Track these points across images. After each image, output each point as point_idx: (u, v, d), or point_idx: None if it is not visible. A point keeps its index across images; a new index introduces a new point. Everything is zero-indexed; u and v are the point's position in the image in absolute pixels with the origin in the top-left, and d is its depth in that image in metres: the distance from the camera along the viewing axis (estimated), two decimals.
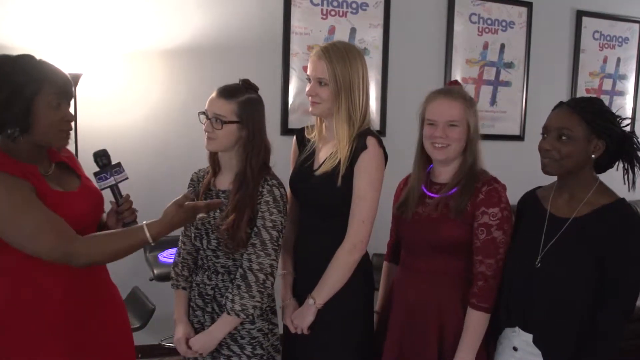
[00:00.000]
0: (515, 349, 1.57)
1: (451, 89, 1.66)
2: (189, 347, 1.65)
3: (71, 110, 1.48)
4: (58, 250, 1.34)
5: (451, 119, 1.60)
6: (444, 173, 1.67)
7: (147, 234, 1.38)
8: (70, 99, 1.45)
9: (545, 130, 1.53)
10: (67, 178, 1.51)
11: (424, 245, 1.64)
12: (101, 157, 1.51)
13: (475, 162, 1.63)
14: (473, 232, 1.57)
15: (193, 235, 1.70)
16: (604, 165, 1.54)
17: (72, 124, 1.46)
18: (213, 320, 1.65)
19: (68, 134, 1.45)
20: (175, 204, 1.45)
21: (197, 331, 1.68)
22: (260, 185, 1.62)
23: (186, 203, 1.45)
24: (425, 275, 1.64)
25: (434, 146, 1.63)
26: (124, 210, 1.52)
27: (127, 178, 1.54)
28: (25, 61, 1.38)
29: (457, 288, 1.61)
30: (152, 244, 1.43)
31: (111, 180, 1.50)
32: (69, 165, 1.53)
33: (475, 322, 1.56)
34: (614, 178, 1.55)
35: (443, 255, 1.62)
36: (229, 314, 1.59)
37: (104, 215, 1.60)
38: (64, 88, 1.41)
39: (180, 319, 1.70)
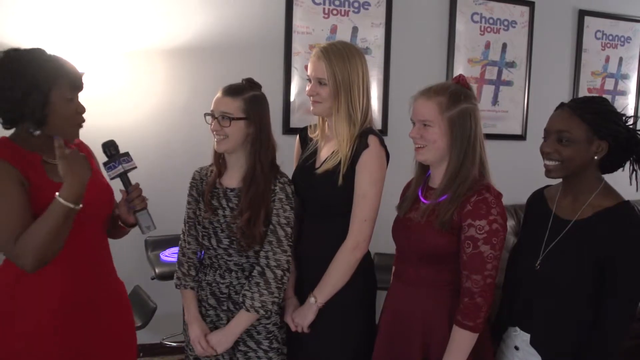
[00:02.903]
0: (516, 348, 1.57)
1: (431, 87, 1.55)
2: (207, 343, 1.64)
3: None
4: (6, 249, 1.34)
5: (423, 118, 1.52)
6: (436, 177, 1.58)
7: (62, 201, 1.31)
8: (80, 91, 1.48)
9: (546, 132, 1.52)
10: None
11: (411, 253, 1.58)
12: (109, 147, 1.54)
13: (469, 168, 1.50)
14: (460, 244, 1.48)
15: (200, 234, 1.70)
16: (611, 166, 1.51)
17: (84, 115, 1.48)
18: (229, 319, 1.65)
19: (80, 126, 1.48)
20: (60, 160, 1.35)
21: (210, 330, 1.68)
22: (272, 183, 1.64)
23: (67, 152, 1.36)
24: (413, 285, 1.58)
25: (414, 147, 1.58)
26: (134, 198, 1.54)
27: (135, 167, 1.56)
28: (39, 55, 1.41)
29: (445, 301, 1.53)
30: (78, 207, 1.35)
31: (120, 169, 1.52)
32: None
33: (460, 340, 1.47)
34: (621, 178, 1.53)
35: (430, 264, 1.54)
36: (248, 311, 1.60)
37: (117, 210, 1.61)
38: (76, 81, 1.44)
39: (195, 318, 1.69)
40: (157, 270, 2.44)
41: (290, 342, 1.78)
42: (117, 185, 1.59)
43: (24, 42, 2.55)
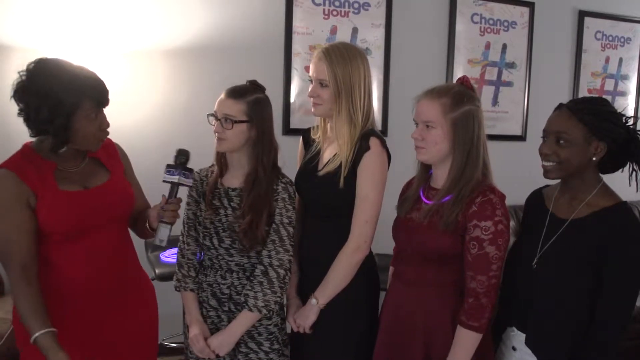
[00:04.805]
0: (514, 348, 1.57)
1: (434, 88, 1.54)
2: (207, 346, 1.64)
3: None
4: (7, 273, 1.39)
5: (426, 119, 1.50)
6: (439, 178, 1.56)
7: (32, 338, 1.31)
8: (107, 104, 1.49)
9: (545, 133, 1.52)
10: (97, 173, 1.56)
11: (413, 254, 1.57)
12: (180, 155, 1.57)
13: (472, 170, 1.49)
14: (464, 245, 1.47)
15: (202, 235, 1.70)
16: (610, 166, 1.51)
17: (108, 129, 1.51)
18: (230, 319, 1.65)
19: (102, 140, 1.51)
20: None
21: (211, 332, 1.68)
22: (275, 183, 1.64)
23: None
24: (414, 286, 1.57)
25: (415, 147, 1.57)
26: (168, 209, 1.54)
27: (190, 186, 1.60)
28: (65, 72, 1.40)
29: (447, 302, 1.52)
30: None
31: (175, 178, 1.54)
32: (102, 161, 1.58)
33: (464, 340, 1.46)
34: (620, 179, 1.53)
35: (432, 265, 1.53)
36: (251, 310, 1.60)
37: (149, 210, 1.63)
38: (100, 98, 1.45)
39: (196, 319, 1.68)
40: (156, 271, 2.44)
41: (295, 342, 1.78)
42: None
43: (24, 42, 2.56)
